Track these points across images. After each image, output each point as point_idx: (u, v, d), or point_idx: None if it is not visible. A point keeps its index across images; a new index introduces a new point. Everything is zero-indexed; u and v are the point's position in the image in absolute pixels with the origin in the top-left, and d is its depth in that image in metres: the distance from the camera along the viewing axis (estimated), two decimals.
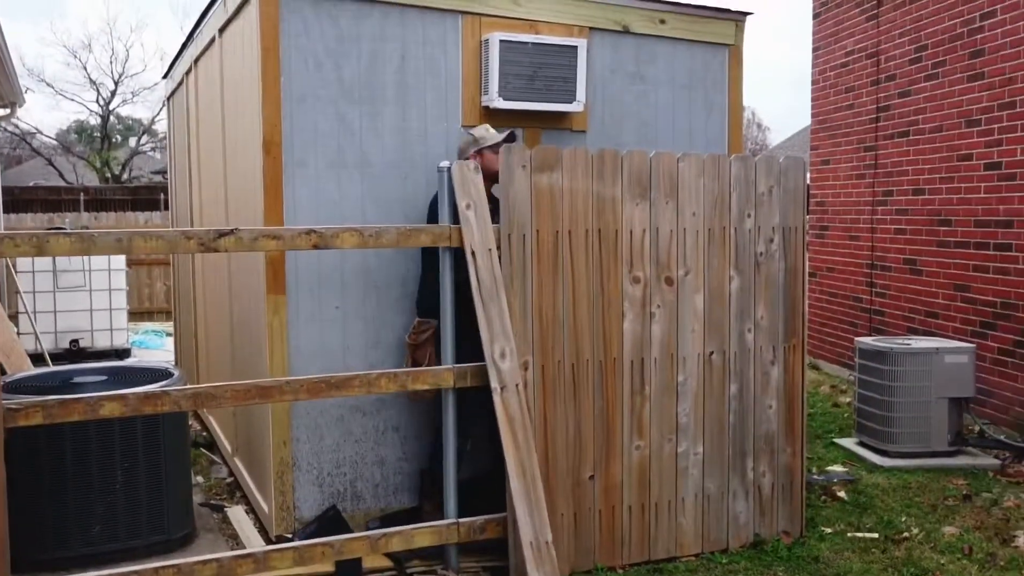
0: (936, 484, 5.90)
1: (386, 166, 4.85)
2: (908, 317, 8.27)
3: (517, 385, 4.24)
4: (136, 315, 15.12)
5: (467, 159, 4.69)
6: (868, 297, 8.96)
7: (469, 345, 4.34)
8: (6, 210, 20.02)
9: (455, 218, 4.31)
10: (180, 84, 7.57)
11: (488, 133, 4.77)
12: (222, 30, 5.53)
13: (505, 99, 4.88)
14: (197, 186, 7.00)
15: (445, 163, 4.29)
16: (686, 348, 4.70)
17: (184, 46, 7.09)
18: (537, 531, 4.15)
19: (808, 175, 9.52)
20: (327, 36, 4.68)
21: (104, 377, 5.04)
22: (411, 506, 5.00)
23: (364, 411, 4.89)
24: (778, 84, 65.14)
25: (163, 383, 4.79)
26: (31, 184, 27.82)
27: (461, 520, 4.36)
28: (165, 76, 8.56)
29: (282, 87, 4.60)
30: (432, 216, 4.61)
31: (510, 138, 4.68)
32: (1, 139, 36.54)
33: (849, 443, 6.84)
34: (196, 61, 6.61)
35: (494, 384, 4.20)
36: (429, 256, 4.61)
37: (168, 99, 8.56)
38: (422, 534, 4.32)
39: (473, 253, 4.20)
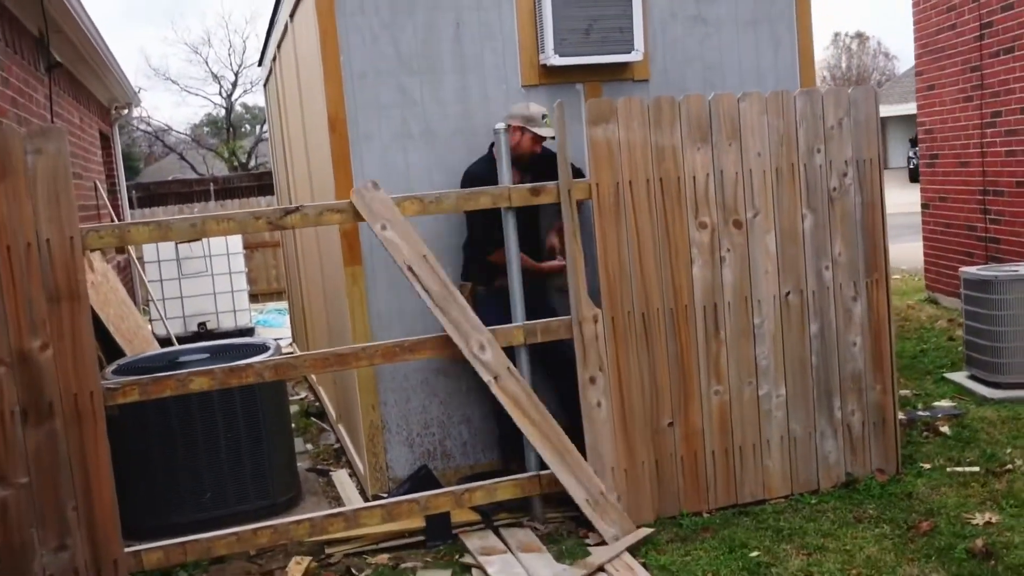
0: None
1: (450, 133, 4.96)
2: None
3: (508, 368, 4.32)
4: (265, 296, 15.84)
5: (508, 126, 4.76)
6: (983, 225, 8.56)
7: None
8: (144, 205, 21.20)
9: (519, 177, 4.39)
10: (270, 71, 7.86)
11: (541, 120, 4.76)
12: (292, 15, 5.73)
13: (562, 55, 4.90)
14: (290, 166, 7.28)
15: (500, 124, 4.35)
16: (760, 290, 4.65)
17: (268, 34, 7.36)
18: (587, 487, 4.23)
19: (911, 105, 9.11)
20: (381, 10, 4.80)
21: (207, 355, 5.36)
22: (500, 462, 5.14)
23: (447, 373, 5.04)
24: (905, 11, 61.93)
25: (260, 356, 5.06)
26: (170, 179, 29.28)
27: (542, 472, 4.47)
28: (259, 64, 8.89)
29: (342, 65, 4.74)
30: (467, 182, 4.73)
31: (551, 138, 4.74)
32: (138, 138, 38.52)
33: (959, 377, 6.61)
34: (279, 47, 6.86)
35: (486, 377, 4.31)
36: (473, 223, 4.79)
37: (264, 86, 8.90)
38: (504, 487, 4.46)
39: (411, 268, 4.21)
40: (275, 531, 4.17)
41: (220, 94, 38.47)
